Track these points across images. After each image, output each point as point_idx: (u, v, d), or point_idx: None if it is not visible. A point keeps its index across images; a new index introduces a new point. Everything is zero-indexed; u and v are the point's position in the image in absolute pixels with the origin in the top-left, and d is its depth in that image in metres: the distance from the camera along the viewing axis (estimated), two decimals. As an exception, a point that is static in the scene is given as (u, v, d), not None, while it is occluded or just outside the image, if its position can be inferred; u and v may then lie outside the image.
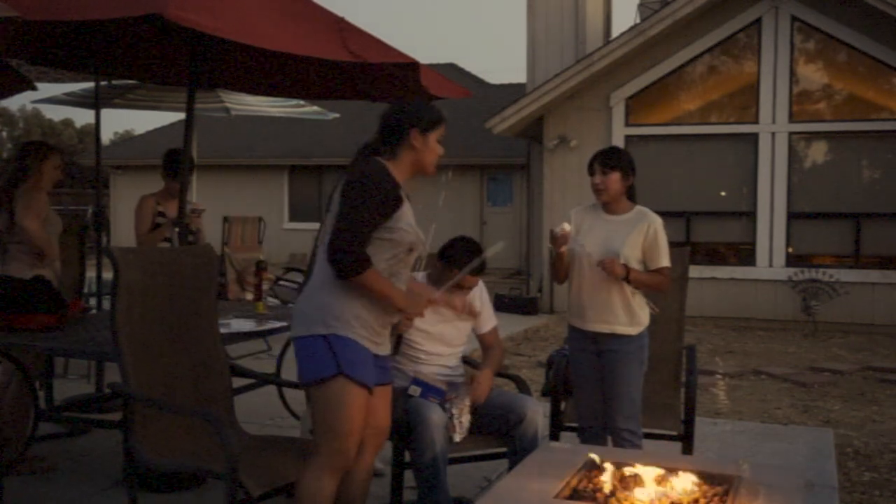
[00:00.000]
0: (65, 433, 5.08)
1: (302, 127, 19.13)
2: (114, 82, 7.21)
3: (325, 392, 2.92)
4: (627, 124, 12.14)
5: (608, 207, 3.99)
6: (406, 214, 2.99)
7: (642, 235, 3.91)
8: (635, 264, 3.90)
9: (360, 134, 5.27)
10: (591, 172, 3.98)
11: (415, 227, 3.03)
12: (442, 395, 3.75)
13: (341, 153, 17.57)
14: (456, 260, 3.73)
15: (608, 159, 3.95)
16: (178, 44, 5.01)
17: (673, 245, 4.04)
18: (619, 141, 11.95)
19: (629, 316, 3.93)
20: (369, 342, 2.98)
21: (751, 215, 11.72)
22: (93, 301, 7.07)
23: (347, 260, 2.84)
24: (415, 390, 3.70)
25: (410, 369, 3.87)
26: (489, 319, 4.10)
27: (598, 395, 4.02)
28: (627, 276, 3.83)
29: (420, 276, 3.87)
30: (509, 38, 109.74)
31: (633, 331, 3.94)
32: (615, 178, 3.93)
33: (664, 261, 3.93)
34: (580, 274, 3.98)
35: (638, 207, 4.02)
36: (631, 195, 4.03)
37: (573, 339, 4.10)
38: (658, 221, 3.95)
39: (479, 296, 4.05)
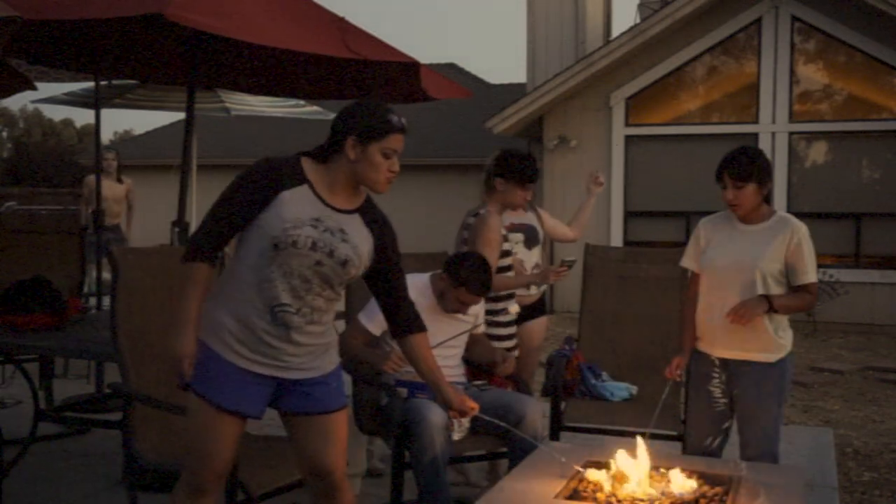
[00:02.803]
0: (65, 433, 5.08)
1: (302, 127, 19.08)
2: (114, 82, 7.21)
3: (188, 400, 2.62)
4: (627, 124, 12.14)
5: (744, 217, 3.47)
6: (287, 208, 2.50)
7: (784, 246, 3.37)
8: (775, 281, 3.38)
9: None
10: (721, 185, 3.39)
11: (291, 222, 2.49)
12: (428, 389, 3.70)
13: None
14: (462, 281, 3.69)
15: (741, 171, 3.33)
16: (178, 44, 5.01)
17: (674, 245, 4.00)
18: (619, 141, 11.95)
19: (768, 340, 3.42)
20: (243, 359, 2.56)
21: (751, 215, 11.71)
22: (93, 301, 7.06)
23: (188, 245, 2.58)
24: (402, 392, 3.67)
25: (404, 370, 3.84)
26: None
27: (714, 436, 3.60)
28: (772, 307, 3.31)
29: (423, 276, 3.85)
30: (509, 38, 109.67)
31: (771, 357, 3.43)
32: (750, 192, 3.35)
33: (811, 275, 3.37)
34: (710, 292, 3.48)
35: (779, 214, 3.48)
36: (767, 199, 3.46)
37: (697, 364, 3.61)
38: (803, 230, 3.40)
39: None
